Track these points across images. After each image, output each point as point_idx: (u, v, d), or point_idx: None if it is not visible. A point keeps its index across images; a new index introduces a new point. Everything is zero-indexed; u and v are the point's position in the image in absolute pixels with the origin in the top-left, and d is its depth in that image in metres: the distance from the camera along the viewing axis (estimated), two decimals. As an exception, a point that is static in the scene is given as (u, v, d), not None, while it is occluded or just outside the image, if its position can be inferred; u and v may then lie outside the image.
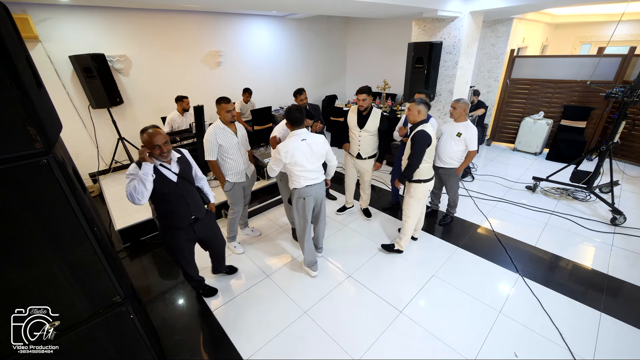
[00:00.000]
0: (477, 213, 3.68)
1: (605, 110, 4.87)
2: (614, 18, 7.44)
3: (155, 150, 1.83)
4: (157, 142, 1.81)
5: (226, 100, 2.56)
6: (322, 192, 2.57)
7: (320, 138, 2.39)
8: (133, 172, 1.82)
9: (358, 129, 3.06)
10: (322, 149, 2.40)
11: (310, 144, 2.32)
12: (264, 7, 4.24)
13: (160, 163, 1.92)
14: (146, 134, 1.81)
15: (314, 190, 2.48)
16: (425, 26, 4.11)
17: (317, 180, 2.47)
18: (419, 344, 2.11)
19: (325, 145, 2.43)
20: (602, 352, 2.01)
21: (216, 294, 2.60)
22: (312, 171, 2.41)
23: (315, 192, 2.50)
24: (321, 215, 2.72)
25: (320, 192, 2.55)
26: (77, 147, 4.44)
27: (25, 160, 1.07)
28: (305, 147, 2.31)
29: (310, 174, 2.42)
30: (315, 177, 2.45)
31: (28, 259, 1.17)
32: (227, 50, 5.59)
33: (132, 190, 1.77)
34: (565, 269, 2.79)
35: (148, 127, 1.83)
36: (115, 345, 1.56)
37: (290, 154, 2.27)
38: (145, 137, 1.81)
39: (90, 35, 4.21)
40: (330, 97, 7.01)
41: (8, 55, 0.97)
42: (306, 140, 2.31)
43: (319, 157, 2.40)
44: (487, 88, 5.96)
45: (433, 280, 2.66)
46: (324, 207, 2.69)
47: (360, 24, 7.14)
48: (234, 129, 2.67)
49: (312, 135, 2.36)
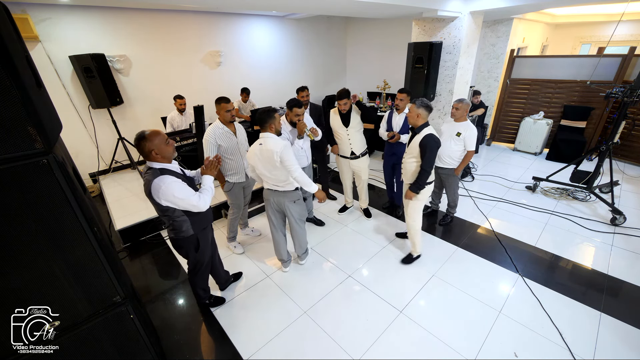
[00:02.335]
0: (477, 213, 3.68)
1: (605, 110, 4.88)
2: (614, 18, 7.45)
3: (170, 146, 1.79)
4: (165, 136, 1.76)
5: (226, 100, 2.55)
6: (284, 201, 2.46)
7: (274, 145, 2.19)
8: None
9: (344, 128, 3.07)
10: (272, 156, 2.20)
11: (262, 150, 2.23)
12: (264, 7, 4.24)
13: (180, 167, 1.96)
14: (150, 133, 1.70)
15: (271, 196, 2.45)
16: (425, 26, 4.11)
17: (277, 187, 2.40)
18: (419, 344, 2.11)
19: (282, 152, 2.18)
20: (602, 352, 2.01)
21: (224, 303, 2.50)
22: (270, 177, 2.35)
23: (275, 199, 2.45)
24: (292, 228, 2.65)
25: (279, 201, 2.46)
26: (77, 147, 4.44)
27: (25, 160, 1.07)
28: (259, 152, 2.26)
29: (269, 179, 2.37)
30: (274, 184, 2.39)
31: (28, 259, 1.17)
32: (227, 50, 5.59)
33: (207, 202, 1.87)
34: (565, 269, 2.79)
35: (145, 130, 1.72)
36: (115, 345, 1.56)
37: (250, 156, 2.33)
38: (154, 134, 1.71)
39: (90, 35, 4.21)
40: (330, 97, 7.01)
41: (8, 55, 0.97)
42: (262, 145, 2.23)
43: (274, 165, 2.24)
44: (487, 88, 5.96)
45: (433, 280, 2.66)
46: (291, 217, 2.57)
47: (360, 23, 7.14)
48: (233, 129, 2.66)
49: (269, 141, 2.21)
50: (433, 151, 2.37)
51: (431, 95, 4.21)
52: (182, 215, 1.88)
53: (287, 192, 2.43)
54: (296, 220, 2.60)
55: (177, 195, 1.73)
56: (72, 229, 1.23)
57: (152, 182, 1.70)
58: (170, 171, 1.78)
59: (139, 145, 1.69)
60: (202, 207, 1.83)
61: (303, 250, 2.83)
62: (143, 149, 1.70)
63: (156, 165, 1.76)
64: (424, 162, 2.41)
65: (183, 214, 1.87)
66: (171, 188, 1.71)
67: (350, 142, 3.12)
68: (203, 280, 2.31)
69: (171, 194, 1.72)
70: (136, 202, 3.77)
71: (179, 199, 1.75)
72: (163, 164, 1.78)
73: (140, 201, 3.79)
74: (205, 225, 2.08)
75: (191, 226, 1.95)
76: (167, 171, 1.76)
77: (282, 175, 2.32)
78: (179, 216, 1.87)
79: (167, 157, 1.78)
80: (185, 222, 1.92)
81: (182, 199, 1.75)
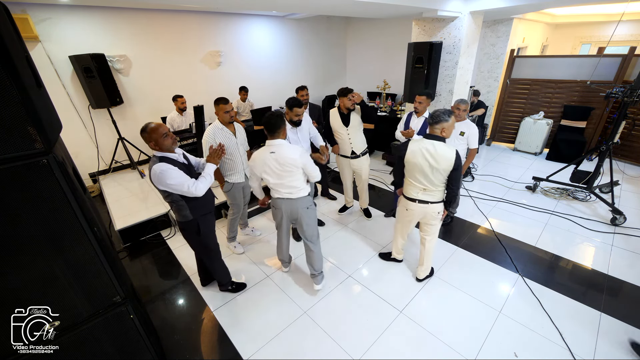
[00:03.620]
0: (477, 213, 3.68)
1: (605, 110, 4.87)
2: (614, 18, 7.44)
3: (168, 139, 1.90)
4: (164, 130, 1.88)
5: (224, 101, 2.55)
6: (297, 209, 2.30)
7: (293, 152, 2.12)
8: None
9: (345, 127, 3.06)
10: (293, 164, 2.11)
11: (278, 159, 2.10)
12: (264, 7, 4.24)
13: (183, 153, 2.09)
14: (149, 128, 1.85)
15: (283, 205, 2.29)
16: (425, 26, 4.11)
17: (290, 195, 2.25)
18: (419, 344, 2.11)
19: (302, 158, 2.13)
20: (602, 352, 2.01)
21: (246, 287, 2.64)
22: (283, 186, 2.22)
23: (286, 207, 2.29)
24: (307, 239, 2.42)
25: (292, 209, 2.30)
26: (77, 147, 4.44)
27: (25, 160, 1.07)
28: (271, 161, 2.12)
29: (282, 187, 2.22)
30: (288, 192, 2.24)
31: (28, 259, 1.17)
32: (227, 50, 5.59)
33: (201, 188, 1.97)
34: (565, 269, 2.79)
35: (149, 124, 1.88)
36: (115, 345, 1.56)
37: (256, 166, 2.17)
38: (153, 129, 1.86)
39: (90, 35, 4.21)
40: (330, 97, 7.01)
41: (8, 55, 0.97)
42: (275, 153, 2.10)
43: (290, 172, 2.15)
44: (487, 88, 5.96)
45: (433, 280, 2.66)
46: (305, 227, 2.35)
47: (360, 23, 7.14)
48: (232, 129, 2.66)
49: (284, 149, 2.09)
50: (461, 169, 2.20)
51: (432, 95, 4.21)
52: (181, 200, 2.02)
53: (301, 199, 2.28)
54: (310, 226, 2.38)
55: (170, 181, 1.87)
56: (72, 229, 1.23)
57: (152, 168, 1.89)
58: (168, 159, 1.92)
59: (142, 136, 1.89)
60: (196, 193, 1.95)
61: (321, 268, 2.53)
62: (145, 140, 1.88)
63: (158, 154, 1.93)
64: (457, 184, 2.16)
65: (181, 199, 2.01)
66: (165, 174, 1.85)
67: (351, 142, 3.12)
68: (220, 266, 2.46)
69: (165, 179, 1.86)
70: (136, 202, 3.76)
71: (172, 185, 1.89)
72: (163, 153, 1.93)
73: (140, 201, 3.79)
74: (205, 212, 2.18)
75: (189, 211, 2.07)
76: (166, 159, 1.91)
77: (297, 181, 2.21)
78: (178, 201, 2.02)
79: (164, 149, 1.92)
80: (184, 207, 2.05)
81: (175, 184, 1.89)
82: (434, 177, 2.13)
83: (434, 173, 2.11)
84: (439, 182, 2.16)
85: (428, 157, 2.08)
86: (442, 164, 2.06)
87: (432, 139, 2.10)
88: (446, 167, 2.07)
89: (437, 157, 2.06)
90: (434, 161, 2.07)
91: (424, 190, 2.21)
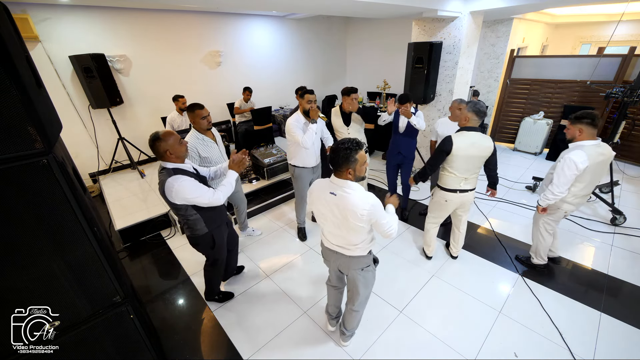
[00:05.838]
0: (477, 213, 3.68)
1: (605, 110, 4.87)
2: (614, 18, 7.45)
3: (183, 145, 1.81)
4: (179, 137, 1.80)
5: (199, 107, 2.39)
6: (349, 268, 1.77)
7: (363, 202, 1.49)
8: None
9: (346, 127, 3.08)
10: (360, 219, 1.51)
11: (339, 204, 1.54)
12: (264, 7, 4.24)
13: (192, 164, 1.97)
14: (163, 134, 1.73)
15: (334, 258, 1.80)
16: (425, 26, 4.11)
17: (343, 251, 1.71)
18: (419, 344, 2.11)
19: (374, 212, 1.51)
20: (602, 352, 2.01)
21: (233, 297, 2.55)
22: (336, 236, 1.68)
23: (338, 262, 1.80)
24: (353, 307, 1.91)
25: (344, 265, 1.78)
26: (77, 147, 4.44)
27: (26, 160, 1.07)
28: (330, 204, 1.58)
29: (334, 237, 1.70)
30: (340, 245, 1.70)
31: (28, 259, 1.17)
32: (227, 50, 5.60)
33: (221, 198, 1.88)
34: (565, 269, 2.79)
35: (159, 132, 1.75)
36: (115, 345, 1.56)
37: (312, 200, 1.70)
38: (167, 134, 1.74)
39: (90, 35, 4.21)
40: (330, 97, 7.01)
41: (8, 55, 0.97)
42: (335, 197, 1.55)
43: (348, 224, 1.56)
44: (487, 88, 5.96)
45: (433, 280, 2.66)
46: (355, 293, 1.85)
47: (360, 24, 7.14)
48: (211, 136, 2.54)
49: (351, 197, 1.50)
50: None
51: (431, 95, 4.21)
52: (195, 213, 1.91)
53: (357, 258, 1.71)
54: (362, 295, 1.84)
55: (189, 195, 1.76)
56: (72, 229, 1.23)
57: (165, 181, 1.74)
58: (183, 170, 1.81)
59: (153, 146, 1.74)
60: (217, 202, 1.86)
61: (355, 329, 2.11)
62: (158, 149, 1.74)
63: (169, 165, 1.79)
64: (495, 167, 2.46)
65: (196, 212, 1.90)
66: (184, 186, 1.74)
67: None
68: (218, 276, 2.39)
69: (184, 193, 1.75)
70: (136, 202, 3.76)
71: (192, 199, 1.79)
72: (176, 163, 1.81)
73: (140, 201, 3.79)
74: (219, 223, 2.10)
75: (205, 224, 1.98)
76: (181, 171, 1.79)
77: (357, 238, 1.62)
78: (192, 215, 1.90)
79: (180, 157, 1.82)
80: (199, 221, 1.95)
81: (196, 196, 1.79)
82: (476, 166, 2.35)
83: (478, 161, 2.33)
84: (477, 170, 2.39)
85: (476, 147, 2.27)
86: (484, 151, 2.28)
87: (471, 131, 2.29)
88: (487, 153, 2.30)
89: (480, 146, 2.27)
90: (477, 150, 2.28)
91: (465, 180, 2.39)
